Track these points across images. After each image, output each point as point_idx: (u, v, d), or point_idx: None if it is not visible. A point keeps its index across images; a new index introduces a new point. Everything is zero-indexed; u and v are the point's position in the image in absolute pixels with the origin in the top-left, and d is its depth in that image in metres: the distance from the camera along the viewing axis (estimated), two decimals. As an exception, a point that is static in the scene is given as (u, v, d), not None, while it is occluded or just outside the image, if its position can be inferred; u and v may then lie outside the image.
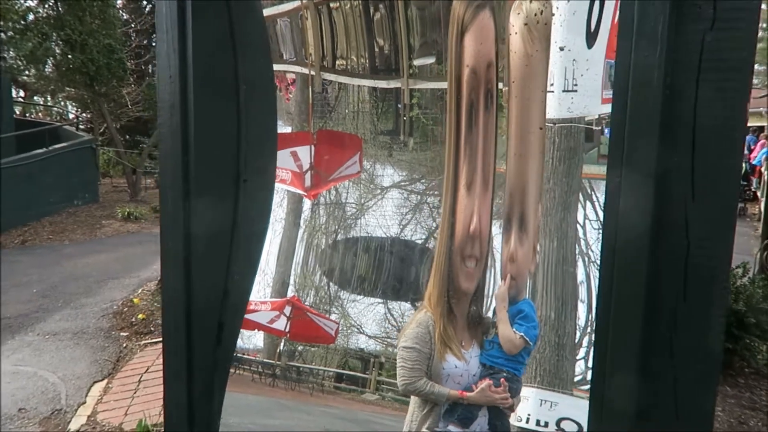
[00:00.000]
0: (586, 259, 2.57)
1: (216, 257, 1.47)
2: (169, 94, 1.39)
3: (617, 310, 0.98)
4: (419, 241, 2.90)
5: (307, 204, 3.06)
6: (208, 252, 1.46)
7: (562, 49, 2.17)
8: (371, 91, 2.94)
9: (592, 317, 2.69)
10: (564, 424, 2.28)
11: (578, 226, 2.54)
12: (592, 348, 2.43)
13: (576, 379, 2.78)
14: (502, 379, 1.79)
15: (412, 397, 1.91)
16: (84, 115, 19.63)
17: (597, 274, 2.68)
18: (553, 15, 1.92)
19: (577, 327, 2.74)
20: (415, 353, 1.82)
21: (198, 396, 1.50)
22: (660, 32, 0.91)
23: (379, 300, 3.16)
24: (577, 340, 2.77)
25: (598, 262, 2.92)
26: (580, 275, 2.52)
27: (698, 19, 0.92)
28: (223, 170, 1.45)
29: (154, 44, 19.65)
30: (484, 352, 1.85)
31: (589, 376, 2.84)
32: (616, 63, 0.97)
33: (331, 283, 3.27)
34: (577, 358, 2.81)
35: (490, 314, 1.96)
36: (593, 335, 2.78)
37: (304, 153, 2.77)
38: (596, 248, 2.58)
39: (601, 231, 2.75)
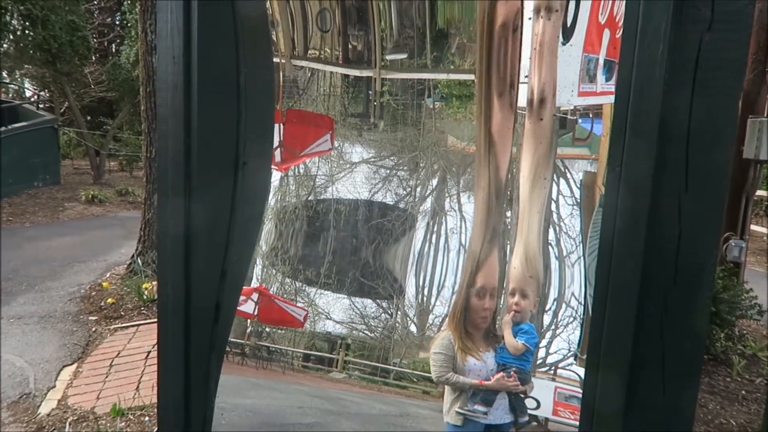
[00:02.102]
0: (558, 228, 2.76)
1: (215, 239, 1.48)
2: (172, 74, 1.40)
3: (613, 292, 1.05)
4: (390, 203, 2.99)
5: (276, 176, 3.08)
6: (207, 233, 1.47)
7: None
8: (343, 77, 2.97)
9: (559, 317, 2.85)
10: (527, 402, 2.51)
11: (552, 200, 2.69)
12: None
13: (537, 362, 2.93)
14: (512, 372, 2.33)
15: (446, 386, 2.46)
16: (42, 93, 18.97)
17: (566, 241, 2.84)
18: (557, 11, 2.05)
19: (543, 323, 2.88)
20: (442, 356, 2.38)
21: (194, 375, 1.52)
22: (662, 32, 0.97)
23: (344, 295, 3.23)
24: (542, 331, 2.91)
25: (569, 232, 3.08)
26: (552, 241, 2.70)
27: (697, 20, 0.98)
28: (224, 153, 1.46)
29: (117, 22, 19.08)
30: (498, 354, 2.40)
31: (549, 361, 3.00)
32: (619, 60, 1.03)
33: (298, 270, 3.31)
34: (540, 346, 2.94)
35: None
36: (557, 330, 2.93)
37: (272, 131, 2.79)
38: (569, 221, 2.74)
39: (574, 206, 2.90)
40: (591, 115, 2.48)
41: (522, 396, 2.40)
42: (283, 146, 2.70)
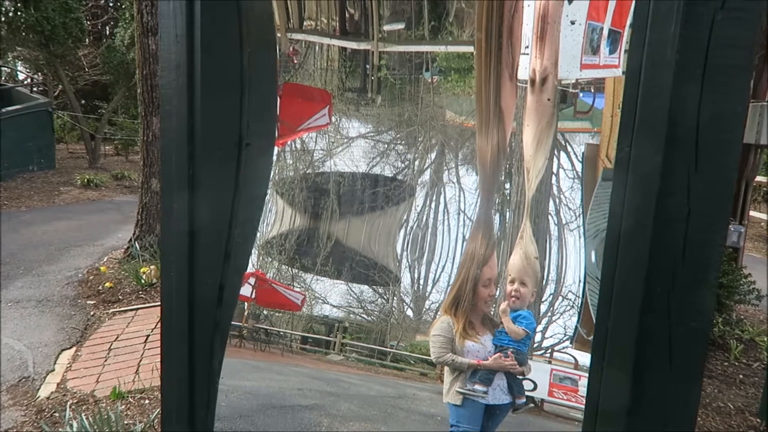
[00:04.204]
0: (558, 200, 2.75)
1: (219, 220, 1.48)
2: (175, 54, 1.38)
3: (621, 271, 1.05)
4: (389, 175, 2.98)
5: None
6: (211, 214, 1.46)
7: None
8: (340, 50, 2.93)
9: (555, 306, 2.85)
10: (523, 384, 2.54)
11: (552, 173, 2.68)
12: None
13: (534, 346, 2.95)
14: (509, 352, 2.39)
15: (445, 368, 2.51)
16: (36, 76, 18.78)
17: (566, 212, 2.83)
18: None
19: (539, 307, 2.89)
20: (441, 338, 2.44)
21: (199, 355, 1.52)
22: (675, 11, 0.96)
23: (341, 281, 3.22)
24: (540, 316, 2.93)
25: (569, 205, 3.07)
26: (553, 215, 2.70)
27: (710, -2, 0.97)
28: (227, 133, 1.45)
29: (111, 4, 18.85)
30: (496, 337, 2.46)
31: (545, 344, 3.02)
32: (630, 39, 1.02)
33: (294, 259, 3.30)
34: (537, 330, 2.97)
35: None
36: (553, 316, 2.95)
37: (269, 106, 2.72)
38: (569, 194, 2.74)
39: (575, 179, 2.89)
40: (593, 90, 2.45)
41: (519, 377, 2.45)
42: (279, 120, 2.65)
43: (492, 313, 2.59)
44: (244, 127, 1.47)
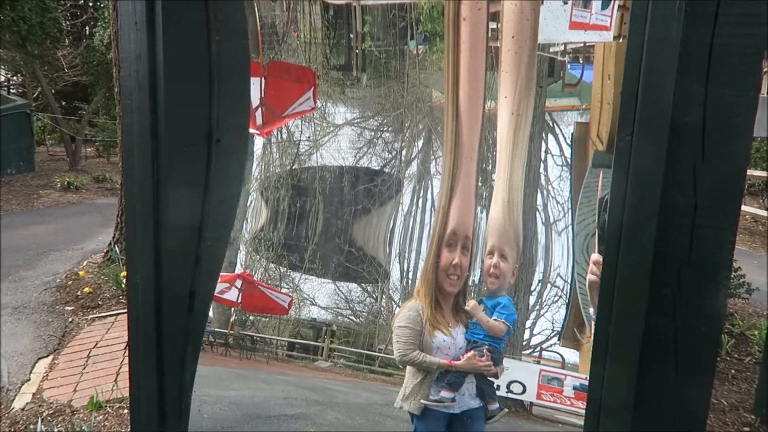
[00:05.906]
0: (545, 192, 2.60)
1: (187, 222, 1.38)
2: (134, 43, 1.28)
3: (623, 270, 0.97)
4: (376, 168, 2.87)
5: (258, 143, 2.87)
6: (178, 216, 1.36)
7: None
8: (323, 14, 2.80)
9: (543, 297, 2.74)
10: (513, 386, 2.43)
11: (540, 160, 2.50)
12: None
13: (522, 343, 2.84)
14: (485, 350, 2.07)
15: (407, 368, 2.16)
16: (15, 78, 18.43)
17: (555, 206, 2.65)
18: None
19: (528, 299, 2.77)
20: (408, 330, 2.09)
21: (169, 368, 1.42)
22: (680, -18, 0.87)
23: (329, 280, 3.12)
24: (528, 310, 2.82)
25: (557, 198, 2.87)
26: (540, 210, 2.54)
27: (717, -30, 0.88)
28: (195, 128, 1.35)
29: (91, 4, 18.54)
30: (469, 330, 2.13)
31: (533, 342, 2.91)
32: (631, 14, 0.93)
33: (281, 256, 3.20)
34: (525, 327, 2.86)
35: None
36: (541, 310, 2.83)
37: (254, 87, 2.52)
38: (557, 184, 2.58)
39: (564, 167, 2.70)
40: (581, 60, 2.26)
41: (491, 380, 2.15)
42: (264, 105, 2.51)
43: (464, 301, 2.23)
44: (214, 122, 1.37)
